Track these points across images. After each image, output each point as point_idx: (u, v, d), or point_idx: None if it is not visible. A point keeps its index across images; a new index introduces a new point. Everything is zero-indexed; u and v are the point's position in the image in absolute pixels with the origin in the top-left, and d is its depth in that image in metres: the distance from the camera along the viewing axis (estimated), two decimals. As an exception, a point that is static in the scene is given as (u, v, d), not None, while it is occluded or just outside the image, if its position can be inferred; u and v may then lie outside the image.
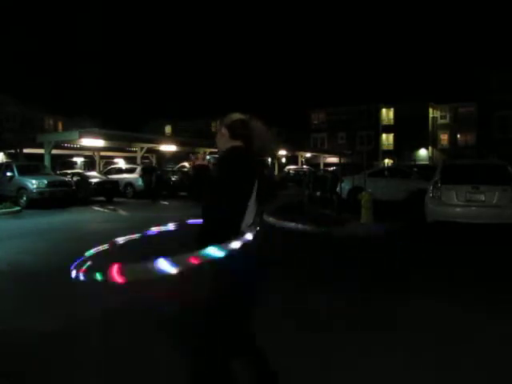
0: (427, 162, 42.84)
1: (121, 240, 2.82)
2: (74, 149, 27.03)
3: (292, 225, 10.64)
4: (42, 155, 21.69)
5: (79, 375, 3.17)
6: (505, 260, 7.05)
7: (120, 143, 25.67)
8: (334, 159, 43.08)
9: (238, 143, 2.39)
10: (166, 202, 18.36)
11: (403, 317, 4.35)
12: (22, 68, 78.19)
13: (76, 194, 16.84)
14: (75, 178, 18.74)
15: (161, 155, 35.05)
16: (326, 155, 45.24)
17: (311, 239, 8.82)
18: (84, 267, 2.32)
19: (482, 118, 41.92)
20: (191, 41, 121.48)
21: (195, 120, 53.53)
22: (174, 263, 1.96)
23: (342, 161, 23.38)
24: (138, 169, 21.68)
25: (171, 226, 2.95)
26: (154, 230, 2.97)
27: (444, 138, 53.54)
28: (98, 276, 2.07)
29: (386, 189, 14.12)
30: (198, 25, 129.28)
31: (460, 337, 3.85)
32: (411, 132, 49.38)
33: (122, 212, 14.88)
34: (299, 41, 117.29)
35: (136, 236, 2.91)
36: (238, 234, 2.16)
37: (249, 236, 2.15)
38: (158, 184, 20.74)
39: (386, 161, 50.49)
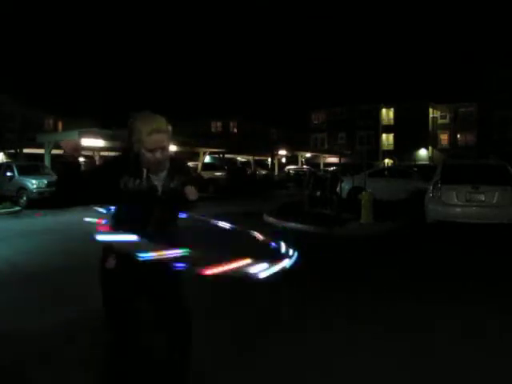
0: (427, 162, 42.83)
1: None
2: (74, 149, 26.95)
3: (292, 225, 10.65)
4: (42, 155, 21.68)
5: (79, 375, 3.17)
6: (505, 260, 7.04)
7: (120, 143, 25.64)
8: (334, 159, 43.04)
9: None
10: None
11: (404, 317, 4.35)
12: (22, 68, 78.15)
13: (76, 194, 16.81)
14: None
15: (161, 155, 34.96)
16: (326, 155, 45.19)
17: (311, 239, 8.82)
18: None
19: (482, 118, 41.93)
20: (191, 41, 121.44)
21: (195, 120, 53.51)
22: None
23: (341, 161, 23.36)
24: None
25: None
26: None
27: (444, 137, 53.55)
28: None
29: (386, 189, 14.11)
30: (198, 25, 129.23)
31: (459, 337, 3.85)
32: (411, 132, 49.39)
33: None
34: (300, 41, 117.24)
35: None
36: None
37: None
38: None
39: (386, 161, 50.50)
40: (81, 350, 3.57)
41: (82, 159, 28.06)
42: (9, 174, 16.25)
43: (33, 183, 15.44)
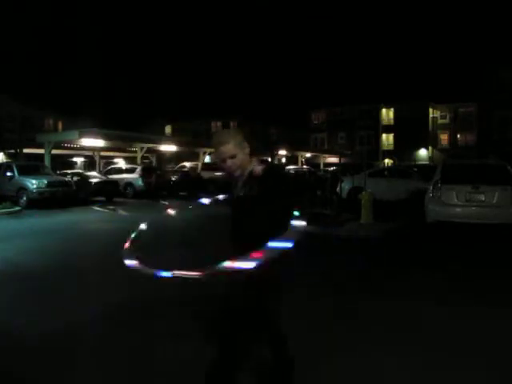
0: (427, 162, 42.83)
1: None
2: (74, 149, 27.07)
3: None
4: (42, 155, 21.72)
5: (79, 375, 3.17)
6: (505, 260, 7.05)
7: (120, 143, 25.68)
8: (334, 159, 43.07)
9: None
10: (166, 202, 18.37)
11: (403, 317, 4.36)
12: (22, 68, 78.20)
13: (76, 194, 16.83)
14: (75, 178, 18.74)
15: (161, 155, 35.05)
16: (326, 155, 45.23)
17: (311, 239, 8.82)
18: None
19: (481, 118, 41.95)
20: (191, 40, 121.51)
21: (195, 120, 53.53)
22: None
23: (341, 161, 23.38)
24: (138, 169, 21.68)
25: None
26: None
27: (444, 137, 53.59)
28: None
29: (386, 189, 14.11)
30: (198, 24, 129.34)
31: (459, 337, 3.85)
32: (411, 132, 49.41)
33: (122, 212, 14.88)
34: (300, 41, 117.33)
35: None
36: None
37: None
38: (158, 184, 20.76)
39: (386, 161, 50.52)
40: (81, 349, 3.57)
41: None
42: (9, 173, 16.25)
43: (33, 183, 15.44)
